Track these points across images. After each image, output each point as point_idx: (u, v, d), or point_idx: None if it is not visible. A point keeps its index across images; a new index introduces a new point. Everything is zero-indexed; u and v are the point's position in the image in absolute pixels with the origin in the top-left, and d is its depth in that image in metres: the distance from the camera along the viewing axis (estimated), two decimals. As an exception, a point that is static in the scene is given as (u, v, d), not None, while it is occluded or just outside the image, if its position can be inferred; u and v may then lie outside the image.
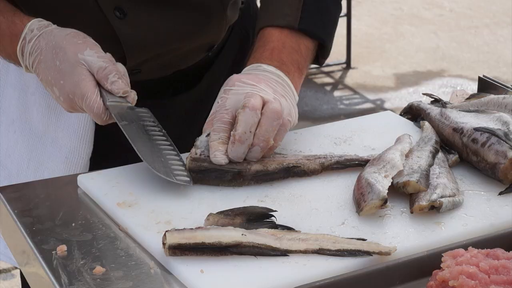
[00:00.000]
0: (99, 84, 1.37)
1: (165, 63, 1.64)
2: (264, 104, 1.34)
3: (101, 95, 1.36)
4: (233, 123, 1.34)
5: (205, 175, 1.33)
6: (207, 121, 1.39)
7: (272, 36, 1.51)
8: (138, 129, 1.36)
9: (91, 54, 1.37)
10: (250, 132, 1.32)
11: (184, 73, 1.70)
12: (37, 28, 1.42)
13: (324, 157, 1.38)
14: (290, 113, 1.40)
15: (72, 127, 1.58)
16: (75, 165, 1.59)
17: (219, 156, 1.32)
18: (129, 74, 1.46)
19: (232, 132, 1.33)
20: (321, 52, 1.57)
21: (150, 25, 1.56)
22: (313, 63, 1.58)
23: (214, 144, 1.33)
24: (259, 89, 1.37)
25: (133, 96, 1.40)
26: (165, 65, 1.65)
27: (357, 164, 1.38)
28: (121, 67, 1.40)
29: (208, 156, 1.33)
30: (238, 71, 1.48)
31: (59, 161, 1.61)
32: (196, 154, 1.34)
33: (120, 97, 1.37)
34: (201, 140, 1.35)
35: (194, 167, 1.33)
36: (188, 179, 1.30)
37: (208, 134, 1.36)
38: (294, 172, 1.35)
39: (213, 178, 1.33)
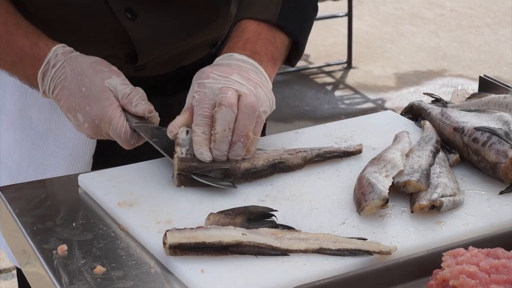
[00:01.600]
0: (123, 110, 1.39)
1: (169, 59, 1.66)
2: (239, 98, 1.34)
3: (127, 120, 1.38)
4: (212, 117, 1.34)
5: (194, 178, 1.33)
6: (181, 113, 1.38)
7: (248, 27, 1.51)
8: (169, 144, 1.37)
9: (117, 81, 1.39)
10: (229, 129, 1.32)
11: (187, 70, 1.71)
12: (61, 54, 1.43)
13: (305, 151, 1.40)
14: (266, 102, 1.39)
15: None
16: (79, 163, 1.60)
17: (204, 153, 1.32)
18: (133, 71, 1.46)
19: (212, 132, 1.33)
20: (294, 53, 1.57)
21: (159, 24, 1.58)
22: (285, 63, 1.58)
23: (198, 140, 1.33)
24: (232, 82, 1.36)
25: (157, 117, 1.42)
26: (169, 61, 1.66)
27: (336, 156, 1.41)
28: (141, 91, 1.42)
29: (195, 156, 1.33)
30: None
31: (62, 159, 1.61)
32: (182, 153, 1.33)
33: (144, 118, 1.39)
34: (183, 138, 1.34)
35: (185, 167, 1.32)
36: (230, 183, 1.31)
37: (187, 132, 1.35)
38: (279, 168, 1.37)
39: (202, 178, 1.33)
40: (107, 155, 1.58)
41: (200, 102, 1.35)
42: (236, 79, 1.37)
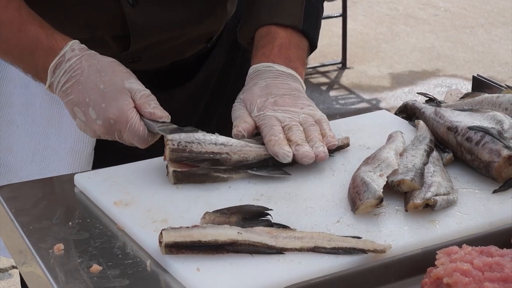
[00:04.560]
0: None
1: (165, 51, 1.67)
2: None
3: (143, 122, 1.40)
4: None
5: (188, 174, 1.34)
6: (239, 120, 1.43)
7: (278, 33, 1.57)
8: None
9: (137, 83, 1.41)
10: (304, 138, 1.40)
11: (182, 64, 1.72)
12: (78, 49, 1.44)
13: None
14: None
15: None
16: (80, 155, 1.60)
17: (286, 149, 1.35)
18: (129, 63, 1.47)
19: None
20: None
21: (158, 12, 1.60)
22: None
23: (279, 142, 1.37)
24: (294, 114, 1.44)
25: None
26: (165, 54, 1.68)
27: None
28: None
29: (186, 147, 1.34)
30: (232, 64, 1.53)
31: (64, 152, 1.62)
32: (174, 145, 1.34)
33: (163, 122, 1.40)
34: (173, 135, 1.36)
35: (176, 158, 1.33)
36: (283, 171, 1.36)
37: (176, 129, 1.36)
38: (272, 163, 1.38)
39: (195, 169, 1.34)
40: (108, 149, 1.59)
41: (270, 121, 1.42)
42: (297, 110, 1.45)
